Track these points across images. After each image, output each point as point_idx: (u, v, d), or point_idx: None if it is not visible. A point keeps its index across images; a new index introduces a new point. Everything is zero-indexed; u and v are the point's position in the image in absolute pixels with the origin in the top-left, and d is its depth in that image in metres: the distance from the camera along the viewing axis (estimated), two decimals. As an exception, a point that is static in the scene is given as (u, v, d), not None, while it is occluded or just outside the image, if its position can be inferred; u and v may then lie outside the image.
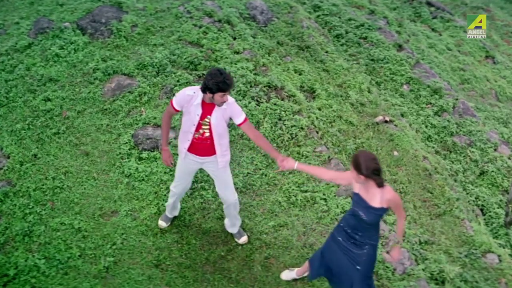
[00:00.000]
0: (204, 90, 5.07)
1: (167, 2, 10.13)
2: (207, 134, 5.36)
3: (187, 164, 5.70)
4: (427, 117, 9.30)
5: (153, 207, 6.57)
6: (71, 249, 5.96)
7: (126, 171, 6.97)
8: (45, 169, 6.91)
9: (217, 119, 5.27)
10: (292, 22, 10.39)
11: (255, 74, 8.59)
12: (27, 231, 6.09)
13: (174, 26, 9.44)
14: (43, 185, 6.70)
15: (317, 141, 7.68)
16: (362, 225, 4.80)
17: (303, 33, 10.10)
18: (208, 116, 5.25)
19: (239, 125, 5.36)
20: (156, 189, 6.78)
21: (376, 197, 4.60)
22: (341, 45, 10.74)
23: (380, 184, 4.53)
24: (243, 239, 6.33)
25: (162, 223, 6.40)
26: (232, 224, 6.27)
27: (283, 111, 8.00)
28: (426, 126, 9.13)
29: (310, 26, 10.38)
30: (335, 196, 6.89)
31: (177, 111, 5.40)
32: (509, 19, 15.92)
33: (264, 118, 7.85)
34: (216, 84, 4.94)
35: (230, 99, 5.24)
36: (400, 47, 10.90)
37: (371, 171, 4.43)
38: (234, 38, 9.41)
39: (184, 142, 5.51)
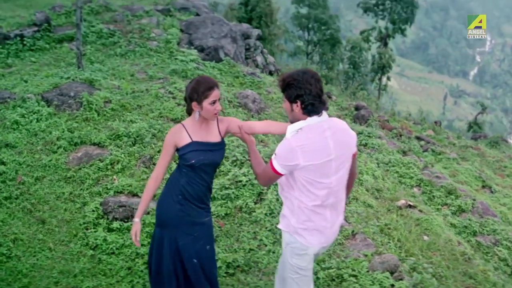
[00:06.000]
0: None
1: (146, 84, 9.01)
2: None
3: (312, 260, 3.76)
4: (446, 216, 8.04)
5: (125, 285, 4.94)
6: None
7: (92, 242, 5.45)
8: (-10, 235, 5.42)
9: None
10: (287, 115, 9.31)
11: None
12: (-40, 306, 4.62)
13: (153, 105, 8.26)
14: (-15, 252, 5.18)
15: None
16: None
17: (301, 125, 8.99)
18: None
19: None
20: (130, 264, 5.20)
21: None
22: (340, 151, 9.61)
23: None
24: None
25: None
26: None
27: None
28: (446, 226, 7.83)
29: (307, 119, 9.31)
30: (367, 271, 5.27)
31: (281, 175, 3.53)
32: (499, 155, 15.38)
33: (268, 189, 6.46)
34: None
35: None
36: (404, 153, 9.92)
37: None
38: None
39: (318, 219, 3.57)
